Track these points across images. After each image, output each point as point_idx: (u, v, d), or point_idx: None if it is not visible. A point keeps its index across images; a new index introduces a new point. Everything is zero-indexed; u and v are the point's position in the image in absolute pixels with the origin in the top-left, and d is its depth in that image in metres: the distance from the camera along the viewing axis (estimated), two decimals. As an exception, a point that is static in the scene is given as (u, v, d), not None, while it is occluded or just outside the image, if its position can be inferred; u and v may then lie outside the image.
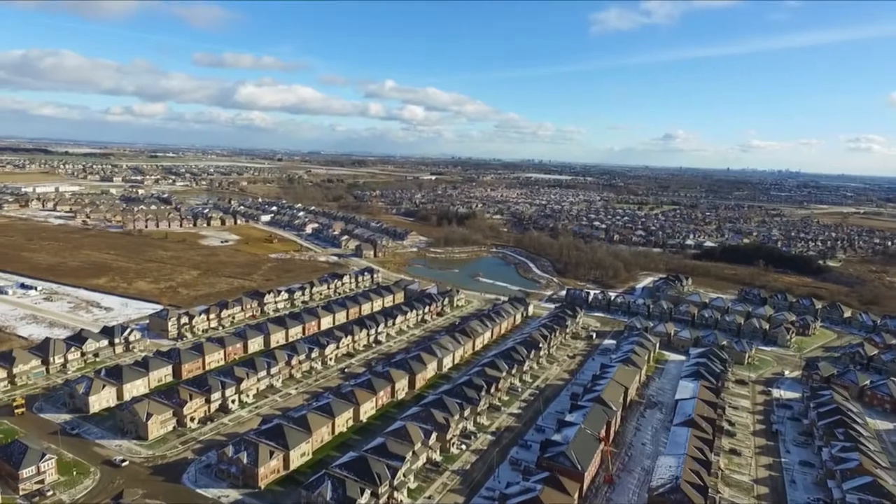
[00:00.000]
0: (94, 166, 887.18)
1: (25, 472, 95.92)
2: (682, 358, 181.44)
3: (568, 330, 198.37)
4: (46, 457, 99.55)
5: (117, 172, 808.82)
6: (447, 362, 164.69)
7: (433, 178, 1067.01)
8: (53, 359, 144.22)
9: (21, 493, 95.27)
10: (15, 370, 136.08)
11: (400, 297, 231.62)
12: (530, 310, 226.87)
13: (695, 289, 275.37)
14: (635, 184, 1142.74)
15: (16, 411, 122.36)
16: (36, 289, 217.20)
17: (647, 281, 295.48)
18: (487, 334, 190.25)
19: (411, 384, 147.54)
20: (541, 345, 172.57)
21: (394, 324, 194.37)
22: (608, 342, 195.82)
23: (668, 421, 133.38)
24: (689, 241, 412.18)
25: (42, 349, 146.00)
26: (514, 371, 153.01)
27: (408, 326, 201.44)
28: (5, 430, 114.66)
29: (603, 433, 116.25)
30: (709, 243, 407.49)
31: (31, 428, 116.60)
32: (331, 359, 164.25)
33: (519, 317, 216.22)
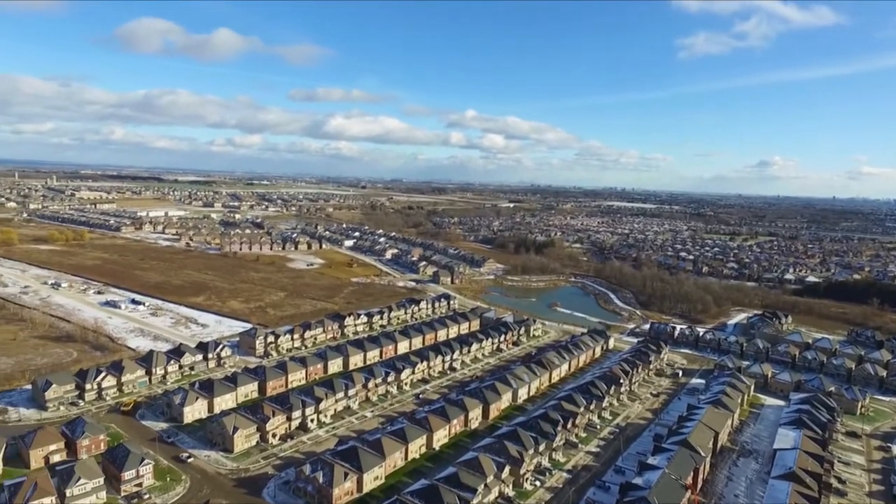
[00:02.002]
0: (199, 193, 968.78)
1: (127, 475, 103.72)
2: (781, 403, 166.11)
3: (651, 366, 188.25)
4: (145, 461, 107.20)
5: (218, 198, 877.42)
6: (522, 393, 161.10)
7: (511, 205, 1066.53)
8: (156, 370, 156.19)
9: (122, 493, 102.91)
10: (123, 378, 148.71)
11: (476, 325, 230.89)
12: (611, 343, 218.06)
13: (795, 327, 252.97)
14: (726, 213, 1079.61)
15: (122, 409, 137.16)
16: (144, 304, 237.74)
17: (740, 317, 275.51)
18: (565, 367, 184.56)
19: (485, 414, 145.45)
20: (622, 380, 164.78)
21: (469, 351, 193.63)
22: (696, 381, 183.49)
23: (764, 472, 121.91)
24: (788, 276, 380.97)
25: (146, 360, 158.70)
26: (592, 407, 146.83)
27: (483, 355, 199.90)
28: (112, 433, 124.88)
29: (689, 480, 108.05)
30: (812, 278, 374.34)
31: (133, 433, 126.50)
32: (406, 384, 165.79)
33: (598, 350, 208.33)
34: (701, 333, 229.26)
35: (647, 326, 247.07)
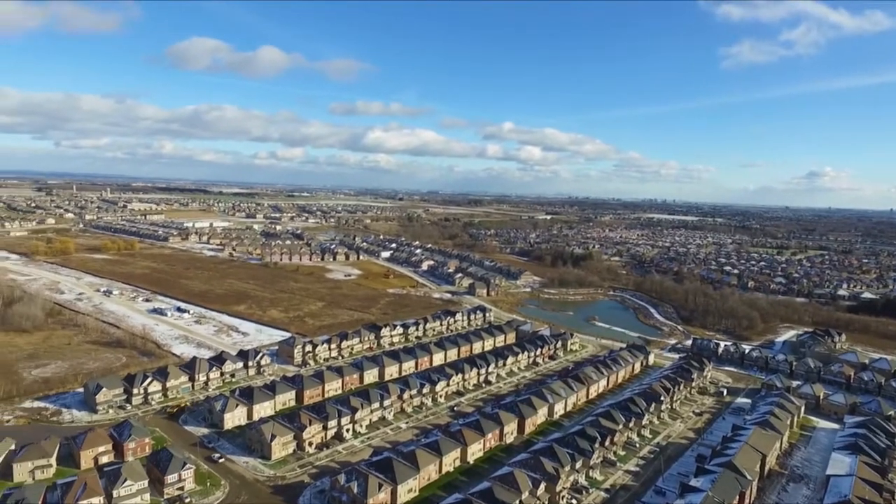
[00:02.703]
0: (242, 204, 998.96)
1: (170, 478, 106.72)
2: (835, 426, 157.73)
3: (694, 383, 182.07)
4: (187, 466, 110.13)
5: (260, 210, 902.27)
6: (558, 409, 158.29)
7: (549, 217, 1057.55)
8: (198, 376, 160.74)
9: (165, 496, 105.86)
10: (168, 384, 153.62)
11: (511, 338, 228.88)
12: (651, 359, 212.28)
13: (850, 346, 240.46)
14: (773, 226, 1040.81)
15: (169, 410, 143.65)
16: (189, 312, 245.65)
17: (788, 334, 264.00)
18: (603, 382, 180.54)
19: (520, 428, 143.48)
20: (662, 398, 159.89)
21: (504, 364, 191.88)
22: (741, 401, 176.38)
23: (816, 500, 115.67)
24: (842, 292, 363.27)
25: (190, 367, 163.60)
26: (631, 424, 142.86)
27: (518, 368, 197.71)
28: (157, 437, 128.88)
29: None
30: (868, 294, 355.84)
31: (176, 438, 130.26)
32: (441, 396, 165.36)
33: (638, 366, 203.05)
34: (747, 351, 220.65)
35: (689, 342, 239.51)
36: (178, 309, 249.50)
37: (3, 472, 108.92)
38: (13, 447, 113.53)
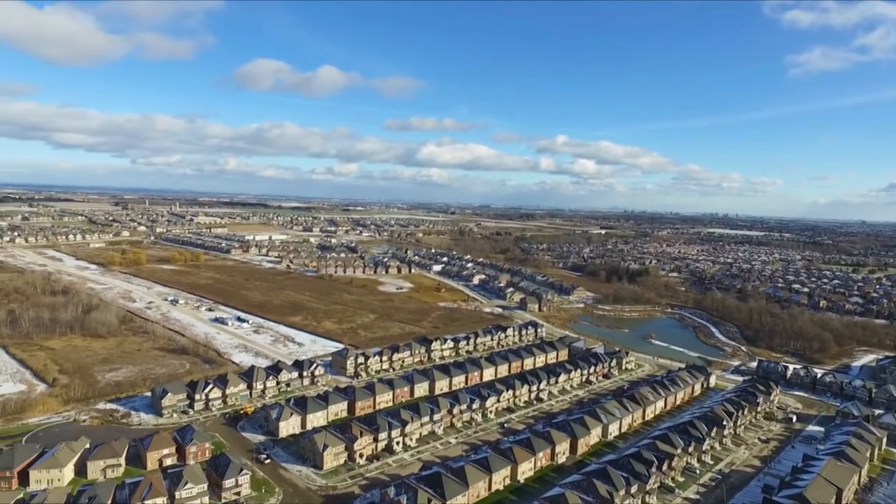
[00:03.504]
0: (299, 218, 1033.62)
1: (227, 483, 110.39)
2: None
3: (759, 408, 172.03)
4: (243, 472, 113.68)
5: (316, 223, 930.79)
6: (613, 429, 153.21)
7: (603, 232, 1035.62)
8: (256, 385, 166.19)
9: (223, 500, 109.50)
10: (227, 391, 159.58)
11: (564, 355, 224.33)
12: (712, 380, 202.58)
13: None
14: (848, 241, 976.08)
15: (242, 411, 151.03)
16: (248, 322, 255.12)
17: (867, 359, 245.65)
18: (660, 403, 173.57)
19: (572, 448, 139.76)
20: (725, 422, 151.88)
21: (556, 382, 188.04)
22: (813, 429, 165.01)
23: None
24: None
25: (248, 375, 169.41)
26: (691, 449, 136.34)
27: (571, 386, 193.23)
28: (216, 442, 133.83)
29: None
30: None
31: (234, 444, 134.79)
32: (491, 412, 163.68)
33: (698, 387, 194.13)
34: (819, 375, 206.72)
35: (754, 364, 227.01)
36: (239, 319, 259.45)
37: (78, 469, 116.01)
38: (88, 445, 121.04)
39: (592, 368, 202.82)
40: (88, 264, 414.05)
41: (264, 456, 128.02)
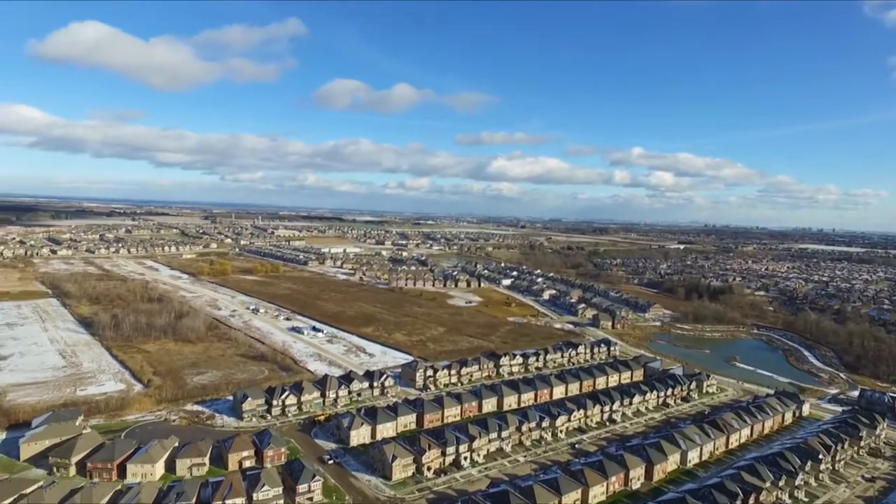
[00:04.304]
0: (372, 232, 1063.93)
1: (301, 488, 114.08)
2: None
3: (862, 443, 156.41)
4: (316, 478, 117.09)
5: (388, 237, 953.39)
6: (692, 456, 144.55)
7: (681, 247, 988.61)
8: (329, 393, 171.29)
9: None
10: (302, 398, 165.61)
11: (639, 375, 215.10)
12: (805, 409, 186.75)
13: None
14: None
15: (317, 418, 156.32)
16: (322, 332, 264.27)
17: None
18: (745, 431, 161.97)
19: (648, 475, 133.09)
20: (821, 456, 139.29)
21: (631, 403, 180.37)
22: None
23: None
24: None
25: (321, 384, 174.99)
26: (781, 483, 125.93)
27: (646, 408, 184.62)
28: (291, 447, 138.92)
29: None
30: None
31: (307, 450, 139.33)
32: (561, 431, 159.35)
33: (789, 416, 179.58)
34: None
35: (855, 393, 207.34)
36: (314, 328, 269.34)
37: (168, 466, 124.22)
38: (177, 444, 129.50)
39: (670, 390, 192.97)
40: (181, 274, 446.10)
41: (327, 456, 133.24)
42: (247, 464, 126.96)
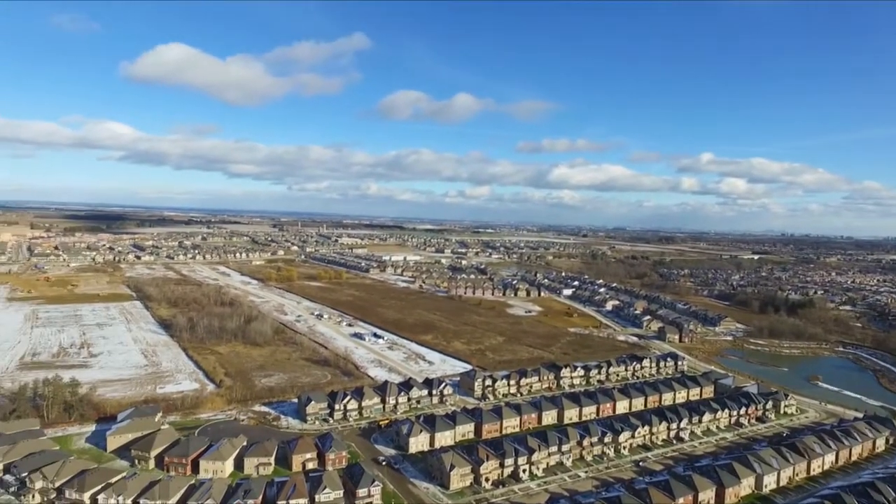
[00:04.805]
0: (432, 240, 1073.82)
1: (360, 492, 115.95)
2: None
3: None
4: (375, 483, 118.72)
5: (447, 245, 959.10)
6: (769, 481, 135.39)
7: (756, 257, 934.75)
8: (388, 399, 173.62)
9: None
10: (363, 404, 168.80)
11: (709, 392, 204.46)
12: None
13: None
14: None
15: (380, 423, 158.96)
16: (383, 338, 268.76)
17: None
18: (829, 457, 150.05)
19: (719, 498, 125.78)
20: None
21: (700, 421, 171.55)
22: None
23: None
24: None
25: (381, 390, 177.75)
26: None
27: (717, 427, 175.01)
28: (352, 452, 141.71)
29: None
30: None
31: (367, 455, 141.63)
32: (624, 447, 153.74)
33: (881, 443, 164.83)
34: None
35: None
36: (375, 335, 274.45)
37: (237, 464, 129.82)
38: (245, 443, 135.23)
39: (743, 409, 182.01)
40: (250, 279, 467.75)
41: (383, 459, 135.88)
42: (309, 465, 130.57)
